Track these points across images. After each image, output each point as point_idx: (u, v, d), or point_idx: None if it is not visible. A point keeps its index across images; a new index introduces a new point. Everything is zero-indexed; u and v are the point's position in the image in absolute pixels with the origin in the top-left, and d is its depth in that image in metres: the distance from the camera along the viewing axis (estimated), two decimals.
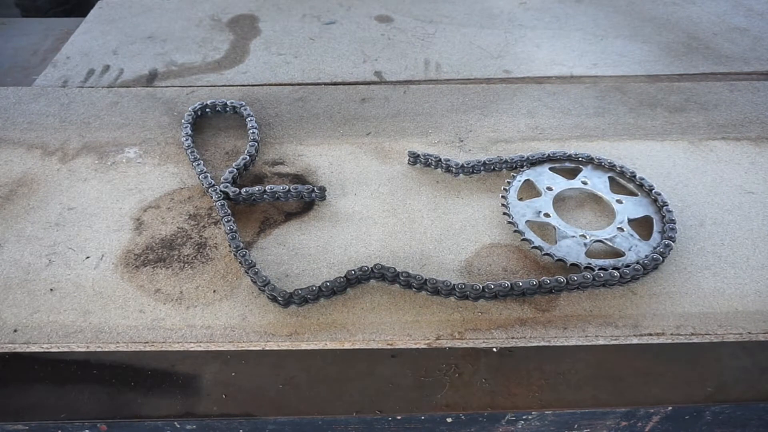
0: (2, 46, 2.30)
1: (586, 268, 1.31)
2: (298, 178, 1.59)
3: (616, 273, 1.27)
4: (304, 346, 1.20)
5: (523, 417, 1.13)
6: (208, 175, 1.52)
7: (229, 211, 1.42)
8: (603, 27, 2.33)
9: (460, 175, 1.58)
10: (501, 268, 1.34)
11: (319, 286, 1.24)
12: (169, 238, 1.41)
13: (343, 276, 1.27)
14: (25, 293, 1.27)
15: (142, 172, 1.59)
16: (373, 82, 2.01)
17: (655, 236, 1.39)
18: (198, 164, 1.56)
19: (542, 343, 1.20)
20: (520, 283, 1.24)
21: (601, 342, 1.21)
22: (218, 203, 1.44)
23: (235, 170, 1.53)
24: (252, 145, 1.62)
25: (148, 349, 1.19)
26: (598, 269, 1.29)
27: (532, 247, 1.36)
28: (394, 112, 1.82)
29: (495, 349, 1.21)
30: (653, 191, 1.48)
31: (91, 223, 1.44)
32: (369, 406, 1.12)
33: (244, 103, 1.78)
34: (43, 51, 2.26)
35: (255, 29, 2.32)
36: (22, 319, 1.22)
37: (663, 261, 1.32)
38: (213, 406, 1.12)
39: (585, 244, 1.37)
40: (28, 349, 1.19)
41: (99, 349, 1.19)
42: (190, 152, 1.60)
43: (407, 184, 1.56)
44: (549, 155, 1.59)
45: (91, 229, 1.43)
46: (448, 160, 1.57)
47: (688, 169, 1.60)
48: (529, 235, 1.38)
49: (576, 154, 1.60)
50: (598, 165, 1.58)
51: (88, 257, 1.36)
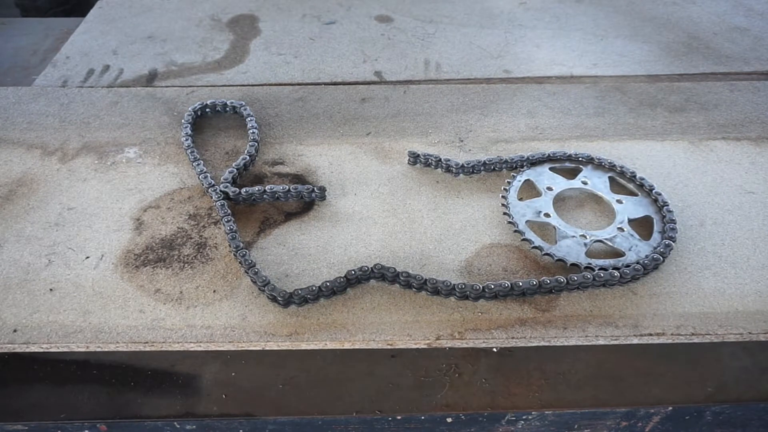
0: (2, 46, 2.30)
1: (586, 268, 1.31)
2: (298, 178, 1.59)
3: (617, 273, 1.27)
4: (304, 346, 1.20)
5: (523, 417, 1.13)
6: (208, 175, 1.52)
7: (229, 211, 1.42)
8: (603, 27, 2.33)
9: (460, 175, 1.58)
10: (501, 268, 1.34)
11: (319, 286, 1.24)
12: (169, 238, 1.41)
13: (343, 276, 1.27)
14: (25, 293, 1.27)
15: (142, 172, 1.59)
16: (373, 82, 2.01)
17: (656, 236, 1.39)
18: (198, 164, 1.56)
19: (542, 343, 1.20)
20: (520, 283, 1.24)
21: (602, 342, 1.20)
22: (218, 203, 1.44)
23: (235, 170, 1.53)
24: (252, 145, 1.62)
25: (148, 349, 1.19)
26: (598, 269, 1.29)
27: (532, 247, 1.36)
28: (394, 112, 1.82)
29: (495, 349, 1.21)
30: (653, 191, 1.48)
31: (91, 223, 1.44)
32: (369, 406, 1.12)
33: (244, 103, 1.78)
34: (43, 51, 2.26)
35: (255, 29, 2.32)
36: (21, 319, 1.22)
37: (663, 261, 1.32)
38: (213, 406, 1.12)
39: (585, 244, 1.37)
40: (28, 349, 1.19)
41: (99, 349, 1.19)
42: (190, 152, 1.60)
43: (407, 184, 1.56)
44: (549, 155, 1.59)
45: (91, 229, 1.43)
46: (448, 160, 1.56)
47: (689, 169, 1.60)
48: (529, 235, 1.38)
49: (576, 154, 1.60)
50: (598, 165, 1.58)
51: (87, 257, 1.36)
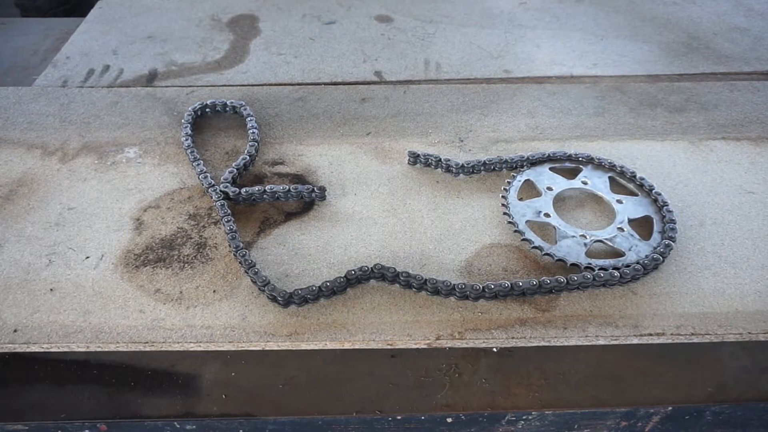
0: (2, 46, 2.30)
1: (587, 268, 1.31)
2: (298, 178, 1.59)
3: (616, 273, 1.27)
4: (304, 346, 1.20)
5: (523, 417, 1.13)
6: (208, 175, 1.52)
7: (229, 211, 1.42)
8: (603, 27, 2.33)
9: (460, 175, 1.58)
10: (501, 268, 1.34)
11: (319, 286, 1.24)
12: (169, 238, 1.41)
13: (343, 276, 1.27)
14: (25, 293, 1.27)
15: (142, 172, 1.59)
16: (373, 82, 2.01)
17: (655, 236, 1.39)
18: (198, 164, 1.56)
19: (542, 343, 1.20)
20: (520, 283, 1.24)
21: (601, 342, 1.20)
22: (218, 203, 1.44)
23: (235, 170, 1.53)
24: (252, 145, 1.62)
25: (148, 349, 1.19)
26: (598, 269, 1.29)
27: (532, 247, 1.36)
28: (394, 112, 1.82)
29: (495, 349, 1.21)
30: (653, 191, 1.48)
31: (91, 223, 1.44)
32: (369, 406, 1.12)
33: (244, 103, 1.78)
34: (43, 51, 2.26)
35: (255, 29, 2.32)
36: (22, 319, 1.22)
37: (663, 261, 1.32)
38: (213, 406, 1.12)
39: (585, 244, 1.37)
40: (28, 349, 1.19)
41: (99, 349, 1.19)
42: (190, 152, 1.60)
43: (407, 184, 1.56)
44: (549, 155, 1.59)
45: (91, 229, 1.43)
46: (448, 160, 1.56)
47: (688, 169, 1.60)
48: (529, 235, 1.38)
49: (576, 154, 1.60)
50: (598, 165, 1.58)
51: (88, 257, 1.36)
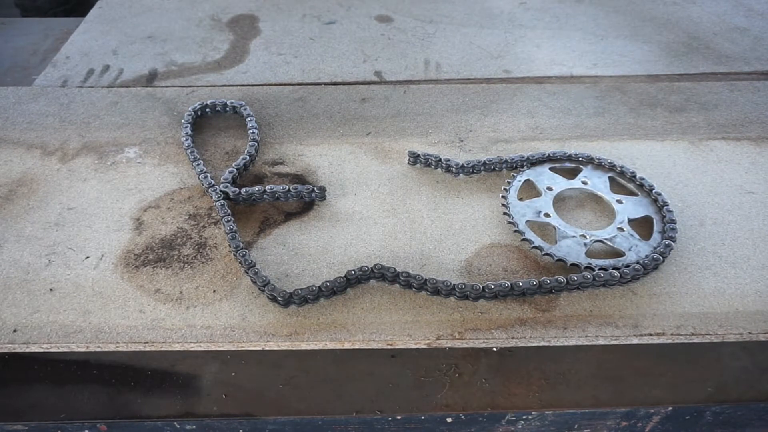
0: (2, 46, 2.30)
1: (586, 268, 1.31)
2: (298, 178, 1.59)
3: (616, 273, 1.27)
4: (304, 346, 1.20)
5: (523, 417, 1.13)
6: (208, 175, 1.52)
7: (229, 211, 1.42)
8: (603, 27, 2.33)
9: (460, 175, 1.58)
10: (501, 268, 1.34)
11: (319, 286, 1.24)
12: (169, 238, 1.41)
13: (343, 276, 1.27)
14: (25, 293, 1.27)
15: (142, 172, 1.59)
16: (373, 82, 2.01)
17: (656, 236, 1.39)
18: (198, 164, 1.56)
19: (542, 343, 1.20)
20: (520, 283, 1.24)
21: (601, 342, 1.20)
22: (218, 203, 1.44)
23: (235, 170, 1.53)
24: (252, 145, 1.62)
25: (148, 349, 1.19)
26: (598, 269, 1.29)
27: (532, 247, 1.36)
28: (394, 112, 1.82)
29: (495, 349, 1.21)
30: (653, 191, 1.48)
31: (91, 223, 1.44)
32: (369, 406, 1.12)
33: (244, 103, 1.78)
34: (43, 51, 2.26)
35: (255, 29, 2.32)
36: (21, 319, 1.22)
37: (663, 261, 1.32)
38: (213, 406, 1.12)
39: (585, 244, 1.37)
40: (28, 349, 1.19)
41: (99, 349, 1.19)
42: (190, 152, 1.60)
43: (407, 184, 1.56)
44: (549, 155, 1.59)
45: (91, 229, 1.42)
46: (448, 160, 1.56)
47: (689, 169, 1.60)
48: (529, 235, 1.38)
49: (576, 154, 1.59)
50: (598, 165, 1.58)
51: (87, 257, 1.36)
